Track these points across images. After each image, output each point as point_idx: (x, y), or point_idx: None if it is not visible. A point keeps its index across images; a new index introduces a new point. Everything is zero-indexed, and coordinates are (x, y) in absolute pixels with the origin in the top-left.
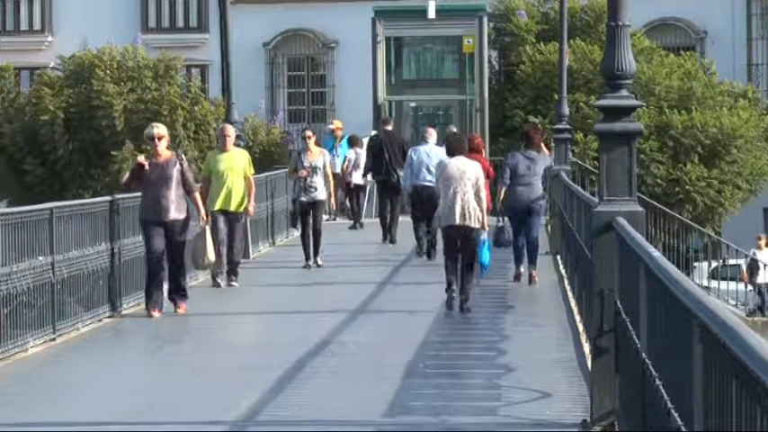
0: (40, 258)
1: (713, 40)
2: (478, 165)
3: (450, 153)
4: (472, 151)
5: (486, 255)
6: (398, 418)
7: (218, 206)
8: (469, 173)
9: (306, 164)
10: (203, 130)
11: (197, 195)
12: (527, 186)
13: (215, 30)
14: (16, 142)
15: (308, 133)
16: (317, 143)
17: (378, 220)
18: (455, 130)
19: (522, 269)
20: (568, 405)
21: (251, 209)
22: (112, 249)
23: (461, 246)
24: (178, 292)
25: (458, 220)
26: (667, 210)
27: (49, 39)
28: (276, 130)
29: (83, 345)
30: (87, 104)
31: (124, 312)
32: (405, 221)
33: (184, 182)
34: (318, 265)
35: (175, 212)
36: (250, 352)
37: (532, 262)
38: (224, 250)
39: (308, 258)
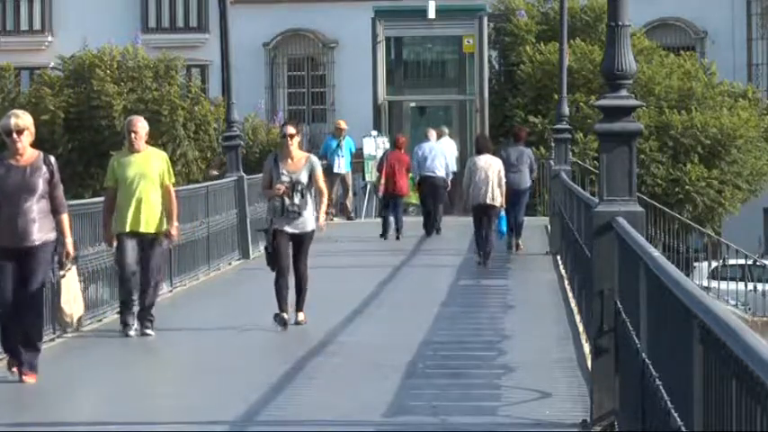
0: None
1: (713, 40)
2: (500, 161)
3: (479, 151)
4: (398, 149)
5: (503, 226)
6: (398, 418)
7: (127, 227)
8: (494, 166)
9: (284, 176)
10: (203, 130)
11: (64, 218)
12: (517, 173)
13: (215, 30)
14: None
15: (290, 130)
16: (302, 146)
17: (380, 219)
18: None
19: (512, 241)
20: (568, 405)
21: (174, 231)
22: None
23: (485, 219)
24: (28, 350)
25: (483, 201)
26: (667, 210)
27: (49, 39)
28: (276, 130)
29: (83, 344)
30: (87, 104)
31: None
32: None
33: (52, 196)
34: (298, 323)
35: (39, 233)
36: (250, 352)
37: (519, 235)
38: (132, 287)
39: (281, 309)
